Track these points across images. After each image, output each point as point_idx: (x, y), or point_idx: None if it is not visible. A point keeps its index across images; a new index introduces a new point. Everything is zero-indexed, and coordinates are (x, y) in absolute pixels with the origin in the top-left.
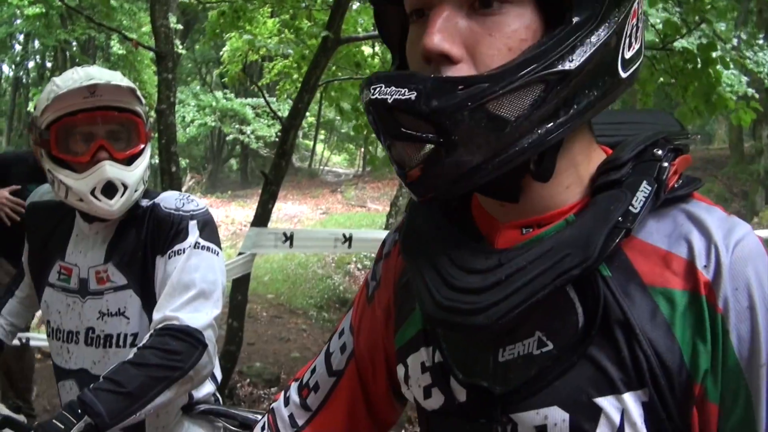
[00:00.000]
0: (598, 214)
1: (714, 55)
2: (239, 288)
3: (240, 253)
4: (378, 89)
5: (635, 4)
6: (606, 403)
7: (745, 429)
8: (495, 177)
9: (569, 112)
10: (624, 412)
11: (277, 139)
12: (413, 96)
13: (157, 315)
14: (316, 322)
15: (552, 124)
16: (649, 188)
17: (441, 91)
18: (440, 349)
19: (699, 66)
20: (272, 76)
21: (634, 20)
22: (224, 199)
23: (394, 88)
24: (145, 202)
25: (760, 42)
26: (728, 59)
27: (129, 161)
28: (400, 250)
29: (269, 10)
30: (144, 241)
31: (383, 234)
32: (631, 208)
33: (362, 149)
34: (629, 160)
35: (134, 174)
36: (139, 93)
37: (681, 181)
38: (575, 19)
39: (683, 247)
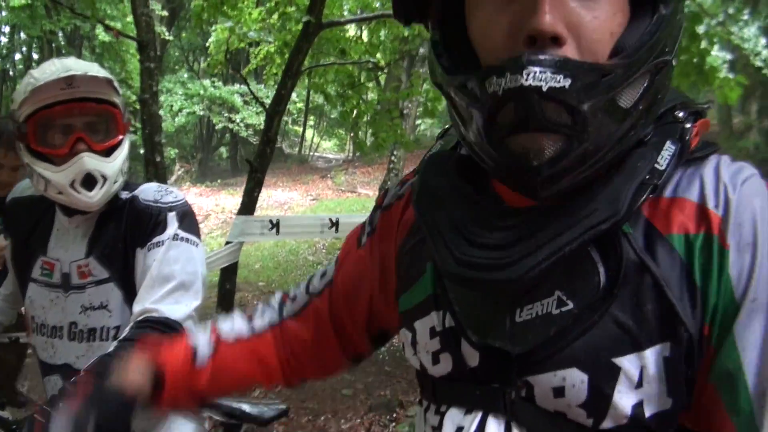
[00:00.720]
0: (625, 171)
1: (700, 30)
2: (227, 277)
3: (227, 242)
4: (532, 74)
5: None
6: (626, 362)
7: (731, 365)
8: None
9: (659, 99)
10: (643, 369)
11: None
12: (567, 84)
13: (137, 307)
14: None
15: (651, 111)
16: (674, 147)
17: (588, 80)
18: (452, 313)
19: (684, 42)
20: (258, 62)
21: None
22: (214, 188)
23: (550, 74)
24: (124, 195)
25: (746, 18)
26: (714, 35)
27: (108, 152)
28: (414, 208)
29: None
30: (124, 233)
31: None
32: (657, 165)
33: (351, 134)
34: (652, 121)
35: (113, 165)
36: (116, 84)
37: (699, 144)
38: (664, 11)
39: (695, 191)
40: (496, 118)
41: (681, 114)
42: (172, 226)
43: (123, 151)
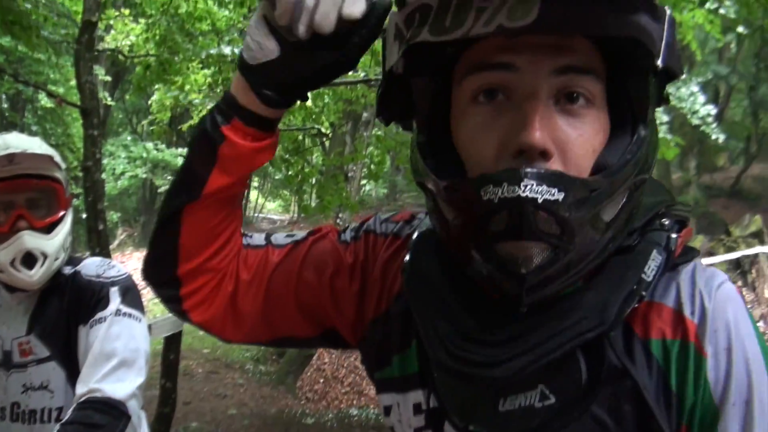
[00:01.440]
0: (613, 281)
1: None
2: (171, 346)
3: None
4: (530, 186)
5: None
6: None
7: None
8: None
9: (634, 213)
10: None
11: None
12: (561, 197)
13: (80, 387)
14: (253, 376)
15: (627, 225)
16: (660, 258)
17: (579, 195)
18: (436, 394)
19: None
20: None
21: None
22: None
23: (545, 187)
24: (67, 270)
25: (683, 77)
26: None
27: (49, 229)
28: (405, 292)
29: (198, 64)
30: (66, 310)
31: None
32: (644, 276)
33: (296, 196)
34: (639, 228)
35: (54, 242)
36: (58, 159)
37: (683, 250)
38: (642, 132)
39: (672, 297)
40: (489, 223)
41: (667, 222)
42: (115, 301)
43: (65, 227)
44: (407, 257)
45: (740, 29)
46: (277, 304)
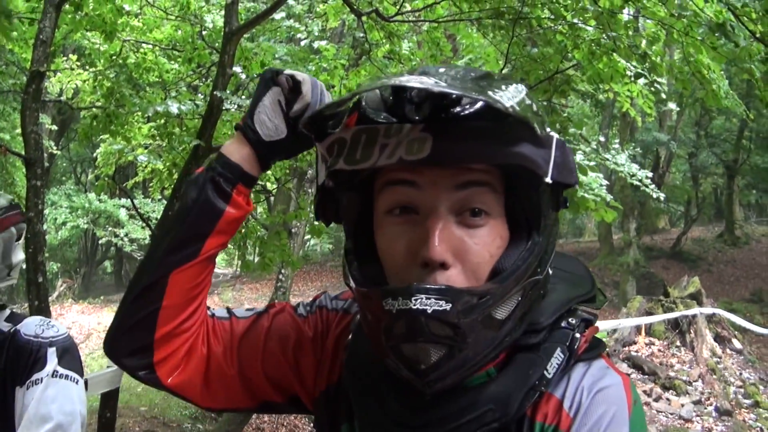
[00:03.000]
0: (519, 376)
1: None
2: (108, 404)
3: (109, 366)
4: (419, 300)
5: None
6: None
7: None
8: None
9: (532, 308)
10: None
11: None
12: (449, 307)
13: None
14: None
15: (524, 319)
16: (562, 356)
17: (466, 303)
18: None
19: None
20: (145, 174)
21: None
22: (97, 305)
23: (434, 299)
24: (6, 328)
25: (616, 146)
26: (591, 161)
27: None
28: (345, 371)
29: (144, 117)
30: (3, 370)
31: None
32: (546, 372)
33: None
34: (546, 327)
35: None
36: None
37: (588, 345)
38: (537, 238)
39: (561, 389)
40: (392, 329)
41: (573, 321)
42: (52, 362)
43: None
44: (350, 337)
45: (672, 106)
46: (249, 372)
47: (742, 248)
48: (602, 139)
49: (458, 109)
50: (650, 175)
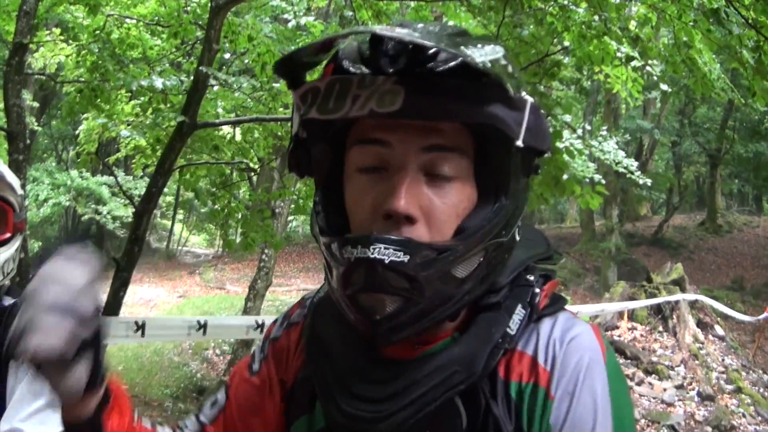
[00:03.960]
0: (481, 335)
1: (561, 145)
2: None
3: None
4: (378, 249)
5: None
6: None
7: None
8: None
9: (495, 270)
10: None
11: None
12: (406, 259)
13: (3, 425)
14: (172, 414)
15: (486, 281)
16: (524, 312)
17: (425, 256)
18: None
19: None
20: (128, 151)
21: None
22: None
23: (392, 250)
24: (7, 301)
25: (604, 133)
26: (574, 148)
27: None
28: (305, 354)
29: (127, 93)
30: (0, 344)
31: (240, 320)
32: (508, 329)
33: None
34: (506, 285)
35: None
36: (14, 182)
37: (549, 301)
38: (504, 201)
39: (531, 346)
40: (350, 277)
41: (531, 278)
42: None
43: (8, 251)
44: (307, 320)
45: (664, 87)
46: None
47: (724, 237)
48: (588, 126)
49: (432, 64)
50: (635, 164)
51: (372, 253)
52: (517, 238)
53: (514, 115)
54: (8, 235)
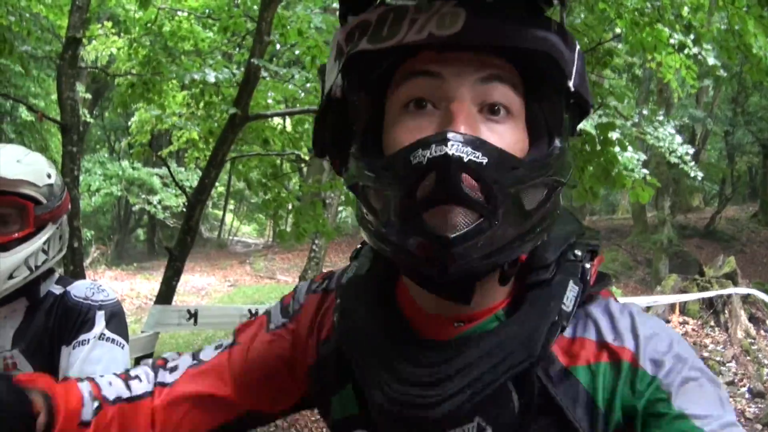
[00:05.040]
0: (538, 312)
1: (614, 136)
2: None
3: (143, 332)
4: (456, 146)
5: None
6: None
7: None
8: (486, 270)
9: (552, 215)
10: None
11: (184, 209)
12: (485, 161)
13: None
14: None
15: (545, 223)
16: (577, 288)
17: (504, 165)
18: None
19: (598, 147)
20: (180, 144)
21: None
22: (129, 272)
23: (470, 149)
24: (57, 290)
25: (660, 119)
26: (626, 139)
27: (8, 246)
28: (339, 337)
29: (179, 84)
30: (51, 329)
31: None
32: (563, 306)
33: (271, 221)
34: (553, 261)
35: (7, 260)
36: (32, 177)
37: (596, 277)
38: (558, 143)
39: (592, 332)
40: (416, 192)
41: (579, 253)
42: (100, 325)
43: (32, 245)
44: (338, 300)
45: (719, 73)
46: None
47: None
48: (645, 112)
49: None
50: (691, 150)
51: (450, 149)
52: (561, 203)
53: (568, 52)
54: (29, 230)
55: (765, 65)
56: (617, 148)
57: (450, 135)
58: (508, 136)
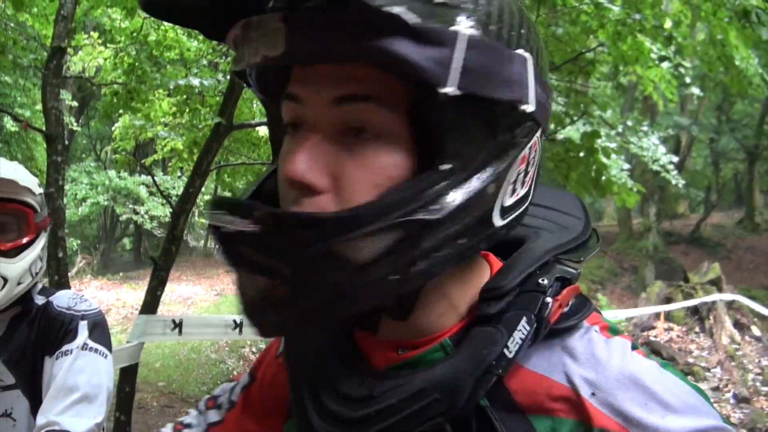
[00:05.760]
0: (470, 356)
1: (599, 142)
2: (127, 379)
3: (128, 341)
4: (220, 216)
5: (525, 149)
6: None
7: None
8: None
9: (428, 261)
10: None
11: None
12: (258, 228)
13: (40, 419)
14: None
15: (406, 273)
16: (528, 328)
17: (283, 229)
18: None
19: (582, 154)
20: (164, 153)
21: (523, 166)
22: (116, 281)
23: (239, 219)
24: (40, 300)
25: (645, 129)
26: (611, 147)
27: (14, 253)
28: (283, 355)
29: (165, 92)
30: (34, 340)
31: None
32: (506, 351)
33: None
34: (512, 290)
35: (16, 267)
36: (29, 183)
37: (568, 310)
38: (444, 167)
39: (559, 373)
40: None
41: (545, 281)
42: (82, 335)
43: (33, 252)
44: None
45: (696, 91)
46: None
47: (762, 235)
48: (629, 123)
49: None
50: (675, 159)
51: (215, 221)
52: (501, 223)
53: (429, 52)
54: (30, 237)
55: (746, 76)
56: (602, 156)
57: (217, 202)
58: (372, 161)
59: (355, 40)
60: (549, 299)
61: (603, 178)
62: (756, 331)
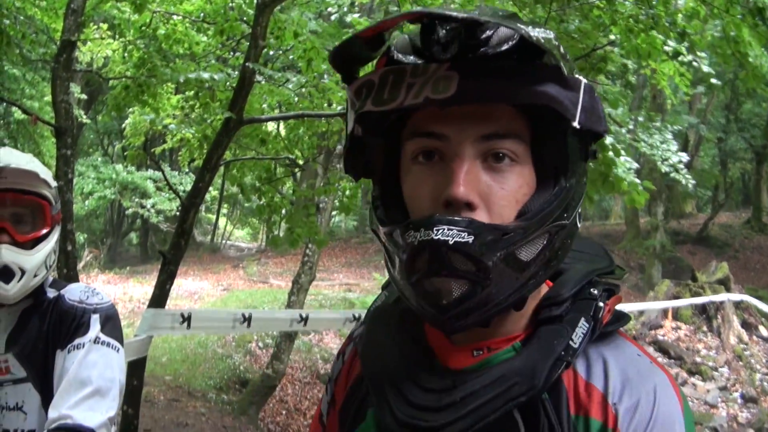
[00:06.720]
0: (543, 347)
1: (607, 141)
2: (135, 372)
3: (136, 335)
4: (441, 230)
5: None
6: None
7: None
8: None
9: (558, 258)
10: None
11: (177, 213)
12: (471, 239)
13: (52, 413)
14: (216, 405)
15: (550, 265)
16: (587, 326)
17: (489, 237)
18: None
19: None
20: (174, 143)
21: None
22: (122, 275)
23: (456, 231)
24: (51, 293)
25: (657, 125)
26: (620, 145)
27: (31, 245)
28: (360, 361)
29: (173, 86)
30: (46, 333)
31: (283, 314)
32: (571, 342)
33: (265, 227)
34: (569, 298)
35: (34, 258)
36: (46, 176)
37: (612, 317)
38: (568, 183)
39: (599, 379)
40: (415, 263)
41: (595, 291)
42: (95, 328)
43: (48, 244)
44: (361, 327)
45: (714, 81)
46: None
47: None
48: (641, 119)
49: (485, 48)
50: (685, 159)
51: (436, 235)
52: (579, 224)
53: (569, 95)
54: (46, 229)
55: (760, 73)
56: (611, 153)
57: (437, 217)
58: (512, 182)
59: (523, 86)
60: (601, 303)
61: (611, 177)
62: (764, 331)
